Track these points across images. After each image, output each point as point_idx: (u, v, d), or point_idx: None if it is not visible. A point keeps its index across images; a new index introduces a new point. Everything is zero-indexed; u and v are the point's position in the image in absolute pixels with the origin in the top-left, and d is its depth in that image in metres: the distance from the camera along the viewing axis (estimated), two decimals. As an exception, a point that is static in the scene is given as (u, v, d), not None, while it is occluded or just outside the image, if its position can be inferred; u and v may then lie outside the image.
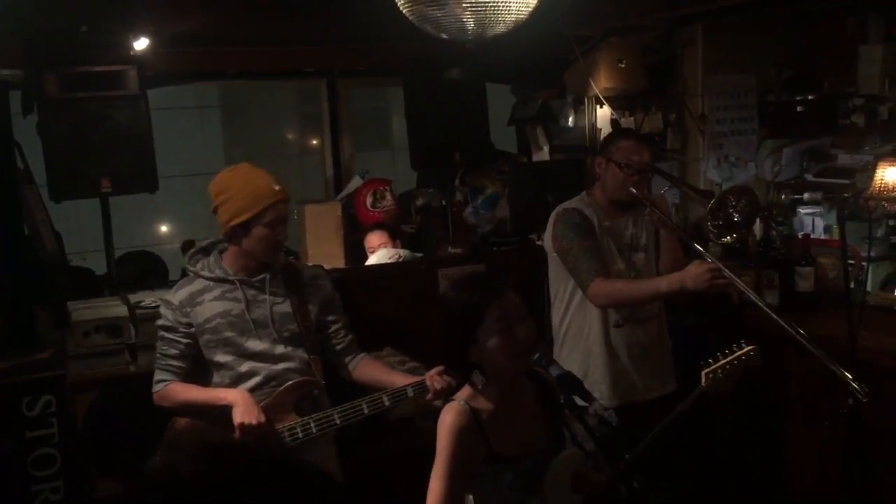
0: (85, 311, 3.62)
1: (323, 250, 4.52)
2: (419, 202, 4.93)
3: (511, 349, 2.11)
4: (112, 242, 4.18)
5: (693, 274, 2.91)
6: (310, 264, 3.68)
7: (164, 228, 12.31)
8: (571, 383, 2.07)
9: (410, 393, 2.80)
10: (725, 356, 2.41)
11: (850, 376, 2.52)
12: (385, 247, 4.55)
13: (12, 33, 3.76)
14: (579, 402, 2.05)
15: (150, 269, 4.47)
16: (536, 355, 2.11)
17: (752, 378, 2.45)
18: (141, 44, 3.91)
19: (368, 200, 4.79)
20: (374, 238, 4.63)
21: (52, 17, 3.69)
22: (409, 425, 3.72)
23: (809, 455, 3.47)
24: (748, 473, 3.76)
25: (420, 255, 4.57)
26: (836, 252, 3.66)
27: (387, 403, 2.82)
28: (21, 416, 3.45)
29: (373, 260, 4.47)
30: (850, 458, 2.73)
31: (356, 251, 4.69)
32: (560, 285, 3.29)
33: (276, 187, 2.79)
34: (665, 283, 3.04)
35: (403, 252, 4.48)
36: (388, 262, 4.37)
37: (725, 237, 3.10)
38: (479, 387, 2.17)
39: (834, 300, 3.52)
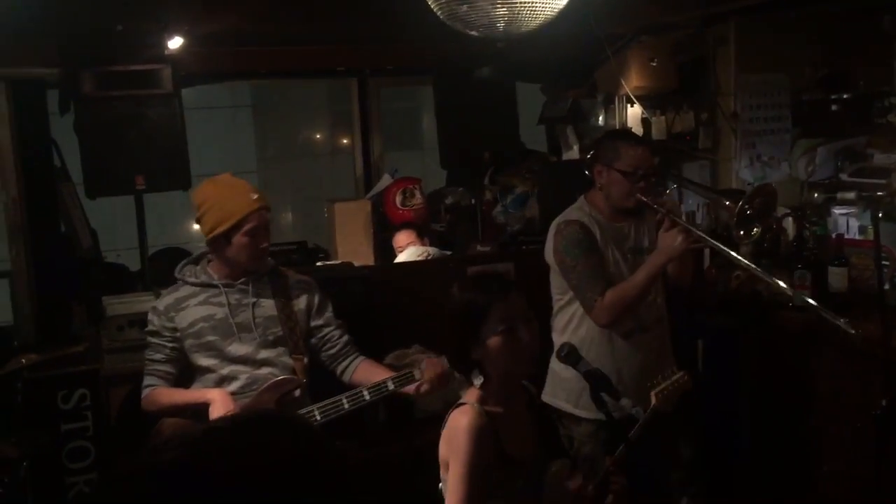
0: (118, 305, 3.69)
1: (352, 248, 4.54)
2: (448, 201, 4.94)
3: (512, 351, 2.12)
4: (146, 239, 4.24)
5: (668, 244, 2.86)
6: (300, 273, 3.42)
7: (196, 226, 12.40)
8: (600, 380, 2.07)
9: (391, 385, 2.78)
10: (667, 379, 2.40)
11: (843, 321, 2.63)
12: (414, 245, 4.57)
13: (49, 34, 3.83)
14: (606, 398, 2.05)
15: (182, 266, 4.51)
16: (565, 351, 2.11)
17: (687, 398, 2.43)
18: (175, 43, 3.96)
19: (398, 199, 4.80)
20: (402, 236, 4.65)
21: (88, 18, 3.75)
22: (436, 422, 3.73)
23: (839, 456, 3.43)
24: (777, 474, 3.73)
25: (449, 253, 4.58)
26: (871, 252, 3.61)
27: (367, 398, 2.78)
28: (57, 409, 3.53)
29: (401, 258, 4.49)
30: (881, 459, 2.70)
31: (385, 249, 4.71)
32: (564, 295, 3.14)
33: (254, 196, 2.83)
34: (649, 265, 2.94)
35: (432, 250, 4.50)
36: (417, 259, 4.39)
37: (750, 232, 3.05)
38: (476, 385, 2.18)
39: (868, 301, 3.48)
